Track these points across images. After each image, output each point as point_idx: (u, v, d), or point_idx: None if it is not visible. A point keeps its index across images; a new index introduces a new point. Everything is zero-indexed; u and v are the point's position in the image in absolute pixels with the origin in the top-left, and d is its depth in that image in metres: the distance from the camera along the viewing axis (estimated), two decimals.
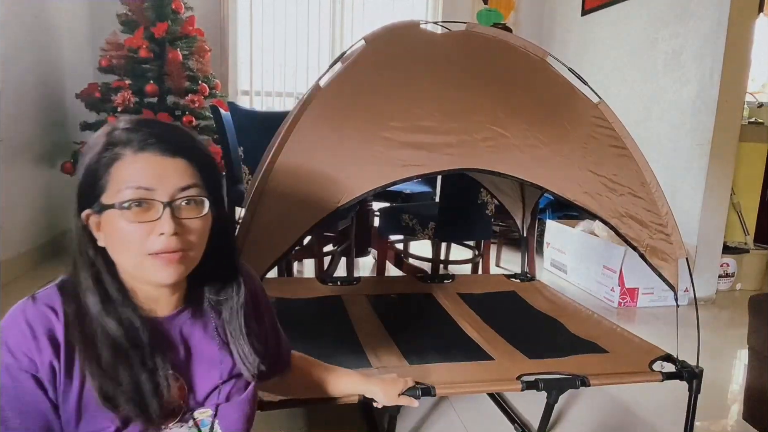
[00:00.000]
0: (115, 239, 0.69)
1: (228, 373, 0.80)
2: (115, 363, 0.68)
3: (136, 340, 0.70)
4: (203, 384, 0.78)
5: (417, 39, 1.55)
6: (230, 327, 0.80)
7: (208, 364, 0.79)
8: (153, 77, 3.33)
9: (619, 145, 1.58)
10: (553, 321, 1.82)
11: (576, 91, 1.65)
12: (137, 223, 0.68)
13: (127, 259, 0.70)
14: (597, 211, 1.49)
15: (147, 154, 0.68)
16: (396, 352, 1.46)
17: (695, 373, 1.39)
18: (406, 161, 1.31)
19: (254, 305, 0.87)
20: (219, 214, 0.76)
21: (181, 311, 0.78)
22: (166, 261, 0.69)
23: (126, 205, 0.67)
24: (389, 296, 2.02)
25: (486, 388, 1.45)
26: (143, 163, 0.68)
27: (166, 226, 0.68)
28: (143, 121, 0.72)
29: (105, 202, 0.68)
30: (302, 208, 1.22)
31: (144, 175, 0.68)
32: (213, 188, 0.74)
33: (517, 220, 2.50)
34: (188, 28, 3.40)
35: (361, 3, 4.26)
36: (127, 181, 0.67)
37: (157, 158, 0.69)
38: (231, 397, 0.80)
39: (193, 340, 0.78)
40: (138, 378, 0.69)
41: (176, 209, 0.69)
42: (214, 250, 0.76)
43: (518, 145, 1.45)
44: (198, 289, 0.79)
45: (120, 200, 0.67)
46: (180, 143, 0.71)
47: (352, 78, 1.40)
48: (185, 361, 0.77)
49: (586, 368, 1.37)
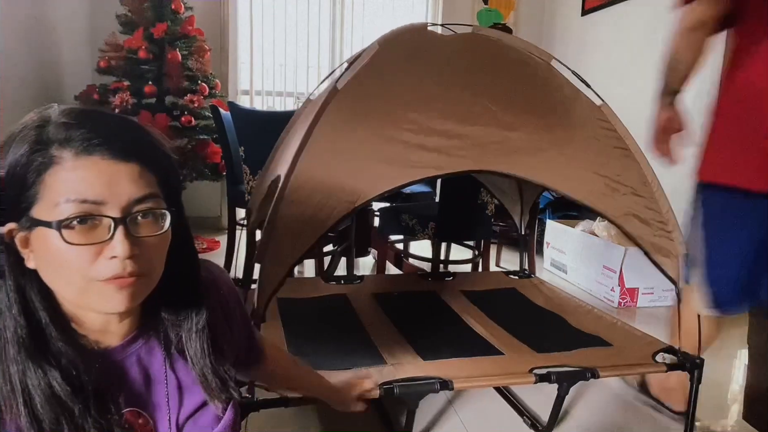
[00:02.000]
0: (50, 262, 0.55)
1: (201, 401, 0.69)
2: (56, 415, 0.55)
3: (78, 383, 0.57)
4: (173, 415, 0.67)
5: (427, 41, 1.57)
6: (191, 350, 0.67)
7: (175, 393, 0.68)
8: (152, 78, 3.34)
9: (621, 146, 1.62)
10: (555, 316, 1.86)
11: (580, 94, 1.68)
12: (81, 246, 0.54)
13: (67, 286, 0.56)
14: (602, 210, 1.52)
15: (93, 158, 0.54)
16: (409, 349, 1.49)
17: (696, 363, 1.43)
18: (419, 163, 1.34)
19: (224, 314, 0.76)
20: (179, 227, 0.63)
21: (135, 338, 0.65)
22: (119, 286, 0.56)
23: (66, 223, 0.53)
24: (393, 294, 2.04)
25: (500, 382, 1.48)
26: (88, 170, 0.54)
27: (119, 248, 0.55)
28: (85, 114, 0.58)
29: (36, 217, 0.54)
30: (320, 209, 1.24)
31: (90, 185, 0.54)
32: (174, 197, 0.62)
33: (516, 219, 2.53)
34: (188, 28, 3.41)
35: (361, 3, 4.28)
36: (67, 193, 0.53)
37: (106, 163, 0.55)
38: (207, 426, 0.69)
39: (153, 369, 0.66)
40: (83, 429, 0.57)
41: (131, 226, 0.56)
42: (173, 267, 0.63)
43: (525, 147, 1.48)
44: (153, 310, 0.66)
45: (58, 217, 0.53)
46: (134, 143, 0.58)
47: (367, 81, 1.42)
48: (147, 392, 0.66)
49: (593, 361, 1.40)
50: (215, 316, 0.72)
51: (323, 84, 1.87)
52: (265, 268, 1.21)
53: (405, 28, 1.55)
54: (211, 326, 0.70)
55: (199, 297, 0.68)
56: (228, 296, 0.78)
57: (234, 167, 2.95)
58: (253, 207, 1.83)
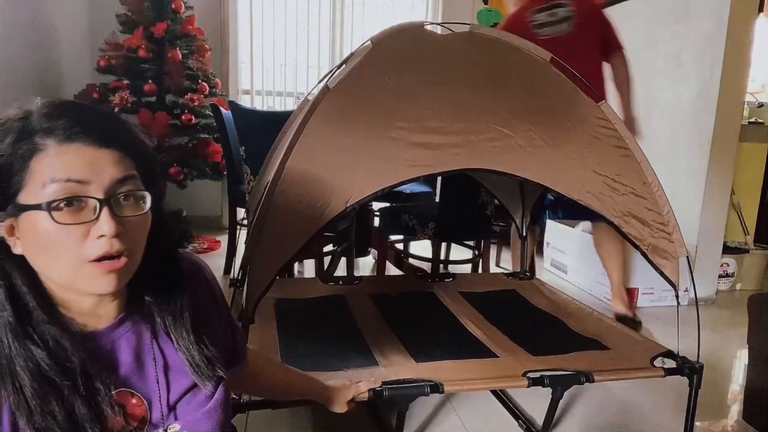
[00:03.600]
0: (40, 246, 0.58)
1: (191, 382, 0.71)
2: (44, 394, 0.57)
3: (66, 363, 0.59)
4: (163, 395, 0.69)
5: (423, 40, 1.55)
6: (176, 332, 0.70)
7: (164, 375, 0.70)
8: (152, 77, 3.33)
9: (621, 145, 1.60)
10: (554, 318, 1.84)
11: (579, 92, 1.66)
12: (70, 225, 0.57)
13: (59, 269, 0.59)
14: (600, 211, 1.50)
15: (76, 144, 0.58)
16: (402, 351, 1.47)
17: (696, 368, 1.40)
18: (413, 161, 1.32)
19: (210, 300, 0.79)
20: (157, 210, 0.67)
21: (122, 321, 0.68)
22: (108, 268, 0.59)
23: (54, 205, 0.56)
24: (391, 295, 2.03)
25: (492, 385, 1.46)
26: (71, 154, 0.58)
27: (106, 227, 0.58)
28: (65, 105, 0.62)
29: (23, 203, 0.58)
30: (312, 209, 1.22)
31: (74, 166, 0.58)
32: (152, 181, 0.65)
33: (517, 220, 2.51)
34: (188, 27, 3.41)
35: (361, 3, 4.27)
36: (53, 175, 0.57)
37: (88, 149, 0.58)
38: (199, 405, 0.71)
39: (142, 351, 0.69)
40: (73, 407, 0.59)
41: (115, 207, 0.59)
42: (154, 250, 0.67)
43: (523, 146, 1.46)
44: (137, 293, 0.69)
45: (46, 198, 0.56)
46: (112, 130, 0.62)
47: (360, 79, 1.40)
48: (138, 374, 0.68)
49: (589, 365, 1.38)
50: (200, 301, 0.75)
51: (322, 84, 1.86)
52: (254, 270, 1.19)
53: (400, 26, 1.53)
54: (197, 309, 0.73)
55: (179, 280, 0.72)
56: (212, 283, 0.81)
57: (235, 166, 2.94)
58: (250, 208, 1.82)
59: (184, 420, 0.70)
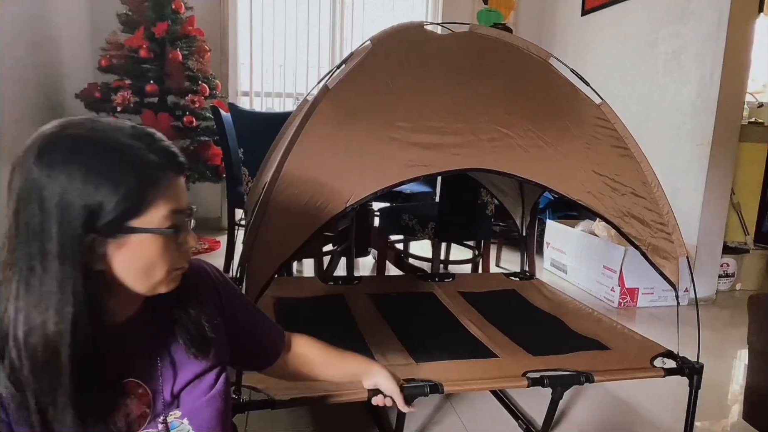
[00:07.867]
0: (143, 262, 0.66)
1: (194, 372, 0.77)
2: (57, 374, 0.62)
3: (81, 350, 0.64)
4: (168, 385, 0.75)
5: (422, 40, 1.55)
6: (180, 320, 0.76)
7: (171, 364, 0.76)
8: (153, 77, 3.34)
9: (621, 145, 1.60)
10: (554, 319, 1.84)
11: (578, 92, 1.66)
12: (175, 244, 0.68)
13: (154, 279, 0.68)
14: (600, 211, 1.50)
15: (181, 177, 0.69)
16: (402, 351, 1.47)
17: (696, 368, 1.40)
18: (413, 161, 1.32)
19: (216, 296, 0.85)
20: None
21: (140, 314, 0.74)
22: (182, 271, 0.71)
23: (172, 231, 0.67)
24: (391, 295, 2.03)
25: (492, 385, 1.46)
26: (179, 186, 0.69)
27: (192, 241, 0.71)
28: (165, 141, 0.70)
29: (137, 226, 0.64)
30: (311, 208, 1.22)
31: (182, 198, 0.69)
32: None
33: (517, 220, 2.51)
34: (188, 28, 3.41)
35: (361, 3, 4.27)
36: (170, 205, 0.66)
37: (182, 180, 0.70)
38: (201, 394, 0.77)
39: (150, 344, 0.75)
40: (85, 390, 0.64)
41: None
42: None
43: (523, 146, 1.46)
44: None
45: (165, 225, 0.66)
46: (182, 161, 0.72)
47: (360, 79, 1.40)
48: (145, 366, 0.74)
49: (589, 365, 1.38)
50: (205, 298, 0.81)
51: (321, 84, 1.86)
52: (252, 268, 1.19)
53: (400, 26, 1.54)
54: (202, 306, 0.78)
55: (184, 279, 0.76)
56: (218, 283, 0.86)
57: (233, 169, 2.95)
58: (248, 208, 1.82)
59: (186, 408, 0.76)
